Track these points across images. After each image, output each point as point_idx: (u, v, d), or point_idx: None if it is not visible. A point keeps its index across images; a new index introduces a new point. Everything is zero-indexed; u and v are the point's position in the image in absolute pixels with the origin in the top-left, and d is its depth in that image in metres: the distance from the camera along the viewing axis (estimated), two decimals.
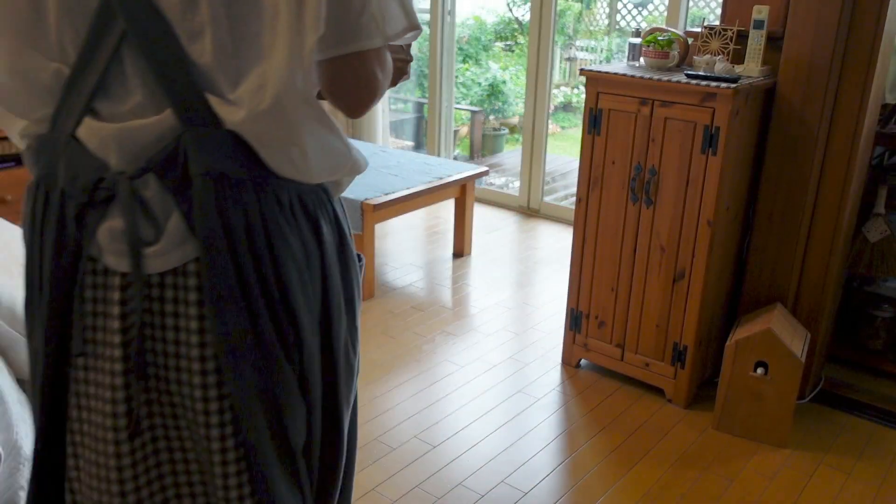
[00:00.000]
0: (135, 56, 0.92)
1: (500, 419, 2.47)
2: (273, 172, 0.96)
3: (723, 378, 2.41)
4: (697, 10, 5.38)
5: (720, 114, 2.23)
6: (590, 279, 2.64)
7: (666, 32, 2.51)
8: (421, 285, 3.49)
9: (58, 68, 0.95)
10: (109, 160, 0.94)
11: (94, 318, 0.99)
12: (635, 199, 2.46)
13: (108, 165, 0.95)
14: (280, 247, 0.96)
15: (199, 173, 0.92)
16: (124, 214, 0.94)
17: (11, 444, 1.47)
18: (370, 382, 2.65)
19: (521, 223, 4.37)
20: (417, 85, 6.31)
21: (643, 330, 2.56)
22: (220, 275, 0.93)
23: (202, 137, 0.92)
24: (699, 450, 2.35)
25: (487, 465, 2.24)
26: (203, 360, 0.96)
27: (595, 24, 7.19)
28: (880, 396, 2.65)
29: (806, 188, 2.39)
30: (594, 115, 2.48)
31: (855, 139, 2.32)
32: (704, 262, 2.37)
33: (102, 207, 0.95)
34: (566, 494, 2.13)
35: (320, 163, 1.00)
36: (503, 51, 7.29)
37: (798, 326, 2.47)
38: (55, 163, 0.97)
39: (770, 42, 2.40)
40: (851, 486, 2.20)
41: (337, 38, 0.92)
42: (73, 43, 0.93)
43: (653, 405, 2.57)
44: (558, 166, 5.86)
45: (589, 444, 2.36)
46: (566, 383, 2.70)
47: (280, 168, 0.96)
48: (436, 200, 3.60)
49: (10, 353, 1.57)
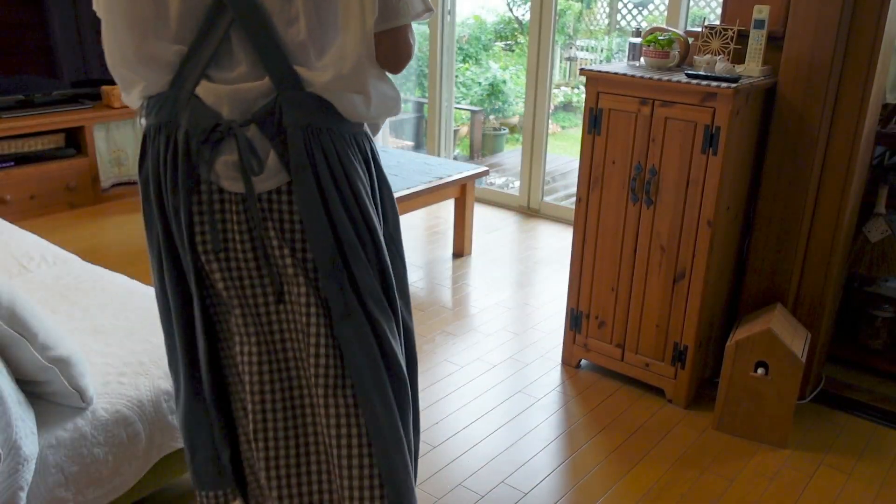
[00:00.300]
0: (240, 38, 1.29)
1: (500, 419, 2.47)
2: (341, 119, 1.35)
3: (723, 378, 2.40)
4: (698, 9, 5.38)
5: (720, 114, 2.23)
6: (590, 279, 2.64)
7: (666, 32, 2.51)
8: (421, 285, 3.48)
9: (179, 49, 1.32)
10: (222, 112, 1.32)
11: (223, 224, 1.38)
12: (635, 199, 2.45)
13: (221, 115, 1.32)
14: (350, 169, 1.37)
15: (290, 124, 1.32)
16: (239, 151, 1.31)
17: (11, 443, 1.47)
18: None
19: (521, 223, 4.37)
20: (417, 85, 6.30)
21: (643, 330, 2.56)
22: (306, 191, 1.33)
23: (293, 98, 1.31)
24: (699, 450, 2.35)
25: (487, 466, 2.24)
26: (293, 249, 1.38)
27: (595, 24, 7.18)
28: (881, 397, 2.65)
29: (806, 188, 2.39)
30: (594, 115, 2.47)
31: (855, 139, 2.32)
32: (705, 262, 2.36)
33: (216, 145, 1.32)
34: (566, 495, 2.13)
35: (378, 106, 1.40)
36: (503, 50, 7.29)
37: (798, 326, 2.47)
38: (177, 112, 1.33)
39: (770, 42, 2.40)
40: (852, 486, 2.20)
41: (384, 18, 1.31)
42: (191, 30, 1.30)
43: (653, 405, 2.57)
44: (558, 166, 5.85)
45: (589, 444, 2.36)
46: (566, 383, 2.70)
47: (350, 113, 1.35)
48: (436, 200, 3.60)
49: (10, 353, 1.56)
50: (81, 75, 4.42)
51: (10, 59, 4.12)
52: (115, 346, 1.92)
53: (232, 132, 1.31)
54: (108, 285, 2.28)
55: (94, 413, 1.69)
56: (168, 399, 1.81)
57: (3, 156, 4.04)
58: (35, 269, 2.39)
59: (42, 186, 4.15)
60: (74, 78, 4.39)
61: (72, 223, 4.10)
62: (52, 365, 1.60)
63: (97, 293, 2.22)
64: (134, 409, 1.75)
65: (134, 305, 2.15)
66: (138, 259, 3.65)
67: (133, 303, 2.17)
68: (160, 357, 1.89)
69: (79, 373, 1.65)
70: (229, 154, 1.33)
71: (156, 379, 1.82)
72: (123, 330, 2.00)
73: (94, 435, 1.67)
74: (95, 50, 4.44)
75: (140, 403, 1.76)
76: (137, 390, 1.78)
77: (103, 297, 2.20)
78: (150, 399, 1.78)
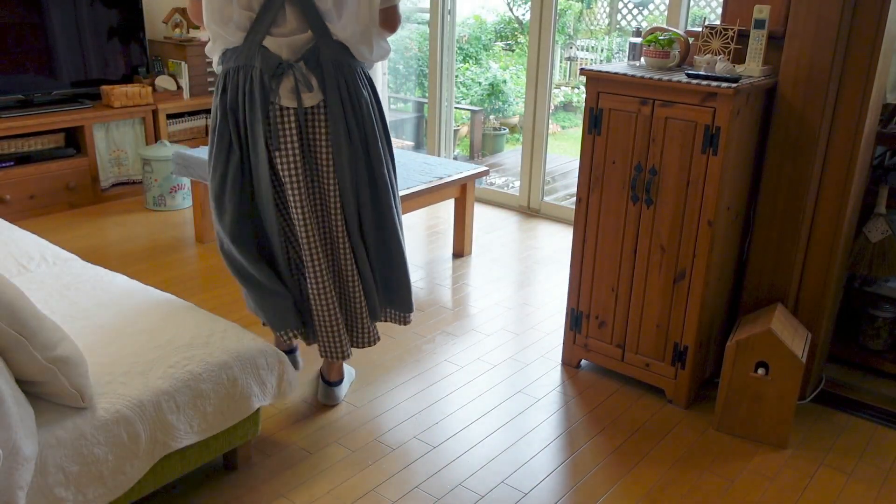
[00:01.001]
0: (292, 7, 2.07)
1: (500, 419, 2.47)
2: (354, 59, 2.16)
3: (723, 378, 2.40)
4: (698, 9, 5.38)
5: (721, 114, 2.22)
6: (590, 279, 2.64)
7: (667, 32, 2.51)
8: (421, 285, 3.48)
9: (249, 15, 2.08)
10: (283, 55, 2.10)
11: (281, 130, 2.13)
12: (636, 199, 2.45)
13: (281, 58, 2.09)
14: (359, 93, 2.19)
15: (325, 59, 2.12)
16: (295, 78, 2.09)
17: (11, 443, 1.47)
18: (370, 383, 2.65)
19: (521, 223, 4.37)
20: (417, 84, 6.30)
21: (643, 330, 2.56)
22: (335, 108, 2.15)
23: (326, 43, 2.11)
24: (699, 450, 2.34)
25: (487, 466, 2.24)
26: (328, 148, 2.18)
27: (595, 24, 7.18)
28: (881, 397, 2.65)
29: (807, 188, 2.39)
30: (594, 115, 2.47)
31: (856, 139, 2.31)
32: (705, 262, 2.36)
33: (280, 78, 2.09)
34: (566, 495, 2.13)
35: (377, 54, 2.21)
36: (503, 50, 7.29)
37: (799, 327, 2.46)
38: (252, 57, 2.10)
39: (771, 42, 2.39)
40: (852, 486, 2.20)
41: (384, 1, 2.12)
42: (258, 2, 2.06)
43: (653, 405, 2.57)
44: (558, 166, 5.85)
45: (589, 444, 2.36)
46: (566, 384, 2.70)
47: (360, 56, 2.17)
48: (436, 200, 3.59)
49: (10, 353, 1.56)
50: (81, 75, 4.42)
51: (10, 59, 4.12)
52: (115, 346, 1.92)
53: (291, 67, 2.09)
54: (107, 285, 2.28)
55: (94, 413, 1.69)
56: (168, 399, 1.81)
57: (3, 155, 4.04)
58: (35, 269, 2.39)
59: (42, 186, 4.15)
60: (74, 78, 4.39)
61: (71, 223, 4.10)
62: (52, 365, 1.60)
63: (97, 293, 2.22)
64: (134, 409, 1.75)
65: (134, 305, 2.15)
66: (138, 259, 3.65)
67: (133, 303, 2.17)
68: (160, 357, 1.89)
69: (78, 373, 1.65)
70: (288, 82, 2.10)
71: (156, 379, 1.82)
72: (123, 330, 2.00)
73: (94, 435, 1.67)
74: (95, 50, 4.44)
75: (140, 403, 1.76)
76: (137, 390, 1.78)
77: (103, 297, 2.20)
78: (150, 399, 1.78)
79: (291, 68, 2.08)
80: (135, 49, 4.62)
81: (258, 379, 2.03)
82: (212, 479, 2.14)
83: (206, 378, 1.90)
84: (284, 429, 2.38)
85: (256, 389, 2.03)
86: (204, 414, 1.90)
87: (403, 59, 6.37)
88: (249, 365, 2.01)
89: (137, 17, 4.57)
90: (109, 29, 4.48)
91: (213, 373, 1.92)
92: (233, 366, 1.97)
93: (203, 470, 2.16)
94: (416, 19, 6.05)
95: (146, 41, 4.67)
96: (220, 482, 2.13)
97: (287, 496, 2.08)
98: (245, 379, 1.99)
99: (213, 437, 1.99)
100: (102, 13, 4.42)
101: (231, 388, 1.96)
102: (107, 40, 4.50)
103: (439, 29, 4.63)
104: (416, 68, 6.36)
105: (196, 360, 1.92)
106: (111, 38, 4.51)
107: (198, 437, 1.90)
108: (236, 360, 1.98)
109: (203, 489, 2.10)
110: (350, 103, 2.15)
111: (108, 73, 4.54)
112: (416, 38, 6.29)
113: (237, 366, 1.98)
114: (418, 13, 5.88)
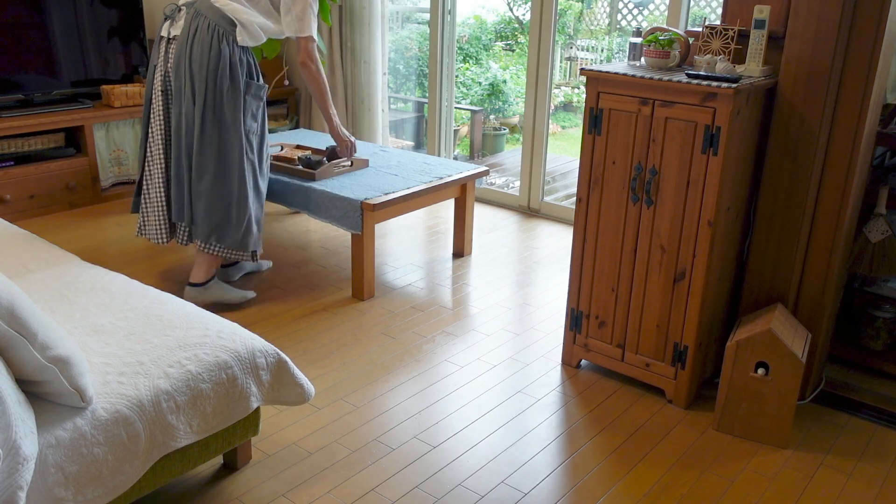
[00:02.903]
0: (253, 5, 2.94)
1: (500, 419, 2.47)
2: (219, 15, 2.88)
3: (723, 378, 2.40)
4: (698, 9, 5.38)
5: (721, 114, 2.22)
6: (590, 279, 2.64)
7: (667, 32, 2.51)
8: (421, 285, 3.48)
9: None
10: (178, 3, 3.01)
11: (165, 57, 2.96)
12: (636, 200, 2.45)
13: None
14: (212, 45, 2.88)
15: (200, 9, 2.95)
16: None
17: (10, 443, 1.47)
18: (370, 382, 2.65)
19: (521, 223, 4.37)
20: (417, 84, 6.30)
21: (643, 330, 2.56)
22: (200, 39, 2.88)
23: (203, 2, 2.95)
24: (699, 450, 2.34)
25: (487, 466, 2.24)
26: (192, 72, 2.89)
27: (596, 24, 7.18)
28: (881, 397, 2.65)
29: (807, 188, 2.39)
30: (594, 115, 2.47)
31: (856, 139, 2.31)
32: (705, 262, 2.36)
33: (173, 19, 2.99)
34: (566, 495, 2.13)
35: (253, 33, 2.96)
36: (503, 50, 7.29)
37: (799, 327, 2.46)
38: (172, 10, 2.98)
39: (771, 42, 2.39)
40: (852, 486, 2.20)
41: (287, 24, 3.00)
42: None
43: (653, 406, 2.57)
44: (558, 166, 5.85)
45: (589, 444, 2.36)
46: (566, 384, 2.70)
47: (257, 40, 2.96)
48: (436, 200, 3.59)
49: (9, 353, 1.56)
50: (81, 75, 4.41)
51: (10, 58, 4.12)
52: (115, 346, 1.92)
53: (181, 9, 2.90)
54: (107, 285, 2.28)
55: (94, 413, 1.69)
56: (167, 399, 1.81)
57: (3, 155, 4.04)
58: (35, 269, 2.39)
59: (42, 186, 4.15)
60: (74, 77, 4.39)
61: (72, 223, 4.10)
62: (52, 365, 1.59)
63: (97, 293, 2.22)
64: (134, 409, 1.75)
65: (134, 305, 2.15)
66: (138, 259, 3.65)
67: (133, 303, 2.16)
68: (160, 357, 1.89)
69: (78, 373, 1.65)
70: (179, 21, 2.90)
71: (155, 379, 1.82)
72: (123, 330, 2.00)
73: (93, 435, 1.67)
74: (95, 49, 4.44)
75: (140, 403, 1.76)
76: (137, 390, 1.78)
77: (103, 297, 2.20)
78: (149, 399, 1.78)
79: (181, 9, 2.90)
80: (135, 49, 4.62)
81: (258, 379, 2.03)
82: (212, 479, 2.14)
83: (206, 378, 1.90)
84: (284, 429, 2.38)
85: (255, 389, 2.03)
86: (203, 414, 1.90)
87: (403, 59, 6.37)
88: (249, 365, 2.01)
89: (137, 16, 4.57)
90: (110, 29, 4.48)
91: (213, 372, 1.92)
92: (232, 365, 1.97)
93: (203, 470, 2.16)
94: (416, 19, 6.06)
95: (146, 41, 4.66)
96: (220, 482, 2.13)
97: (287, 496, 2.08)
98: (244, 379, 1.99)
99: (212, 437, 1.99)
100: (102, 13, 4.42)
101: (231, 387, 1.96)
102: (107, 40, 4.49)
103: (439, 29, 4.63)
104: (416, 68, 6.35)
105: (196, 359, 1.92)
106: (111, 38, 4.51)
107: (197, 437, 1.89)
108: (236, 360, 1.98)
109: (203, 489, 2.10)
110: (208, 44, 2.80)
111: (108, 72, 4.54)
112: (416, 38, 6.30)
113: (237, 365, 1.98)
114: (418, 13, 5.88)
